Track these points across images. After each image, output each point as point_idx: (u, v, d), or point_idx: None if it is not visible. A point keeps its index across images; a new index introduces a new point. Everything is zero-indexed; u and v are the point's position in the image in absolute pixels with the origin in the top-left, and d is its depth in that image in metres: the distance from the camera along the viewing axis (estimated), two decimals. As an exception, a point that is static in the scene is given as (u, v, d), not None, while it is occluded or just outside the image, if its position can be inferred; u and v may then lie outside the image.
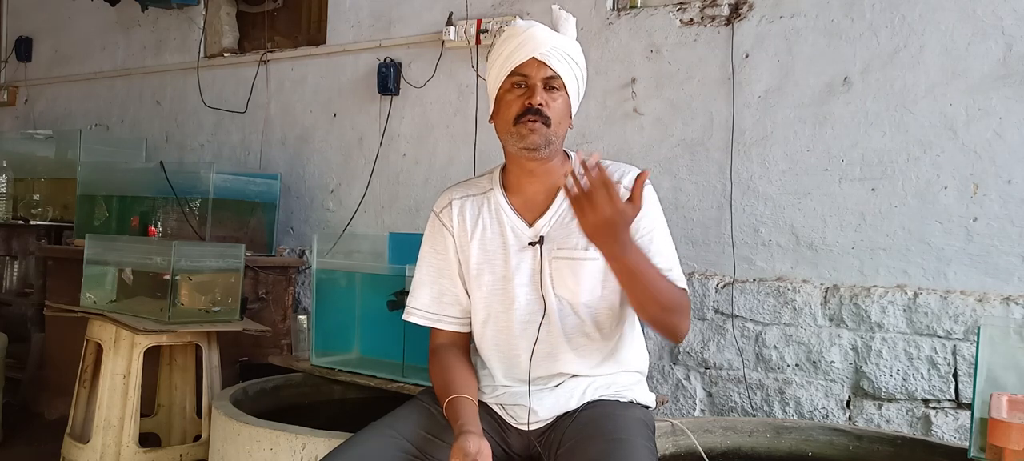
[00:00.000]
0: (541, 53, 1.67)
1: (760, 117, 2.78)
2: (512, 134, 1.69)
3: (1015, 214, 2.40)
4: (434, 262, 1.82)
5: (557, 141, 1.71)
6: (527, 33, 1.68)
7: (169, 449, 2.77)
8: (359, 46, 3.78)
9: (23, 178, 4.45)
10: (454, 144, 3.48)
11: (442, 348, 1.81)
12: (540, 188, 1.75)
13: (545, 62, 1.67)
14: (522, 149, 1.69)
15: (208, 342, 2.78)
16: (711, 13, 2.89)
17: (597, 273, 1.70)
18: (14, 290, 4.23)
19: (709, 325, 2.81)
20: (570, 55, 1.70)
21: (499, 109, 1.73)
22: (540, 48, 1.67)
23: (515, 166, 1.77)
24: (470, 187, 1.84)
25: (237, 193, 3.64)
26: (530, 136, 1.66)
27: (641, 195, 1.51)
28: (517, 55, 1.67)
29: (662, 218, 1.76)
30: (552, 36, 1.69)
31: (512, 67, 1.68)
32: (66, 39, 5.12)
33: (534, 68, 1.67)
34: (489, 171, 1.86)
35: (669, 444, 2.09)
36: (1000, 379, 1.73)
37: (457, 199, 1.82)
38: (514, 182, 1.78)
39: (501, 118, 1.72)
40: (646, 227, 1.70)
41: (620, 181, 1.72)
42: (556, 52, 1.68)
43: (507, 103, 1.70)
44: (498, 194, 1.78)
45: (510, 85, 1.70)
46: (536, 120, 1.65)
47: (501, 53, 1.71)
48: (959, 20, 2.48)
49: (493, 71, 1.73)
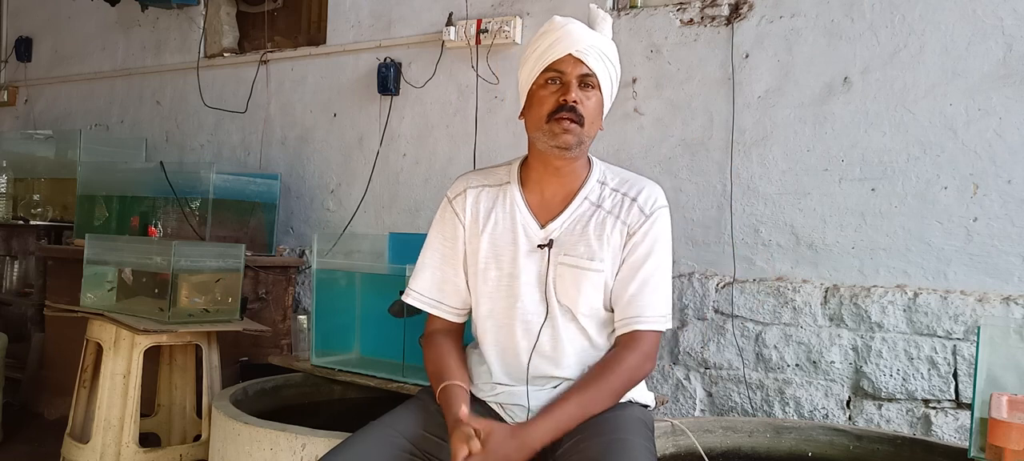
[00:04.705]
0: (578, 50, 1.65)
1: (760, 117, 2.78)
2: (544, 131, 1.67)
3: (1015, 214, 2.40)
4: (441, 249, 1.81)
5: (588, 141, 1.70)
6: (564, 29, 1.66)
7: (169, 449, 2.77)
8: (359, 46, 3.78)
9: (23, 178, 4.46)
10: (454, 144, 3.48)
11: (437, 334, 1.81)
12: (559, 189, 1.74)
13: (582, 59, 1.65)
14: (553, 147, 1.67)
15: (208, 342, 2.78)
16: (711, 13, 2.89)
17: (599, 284, 1.70)
18: (14, 290, 4.23)
19: (709, 325, 2.81)
20: (606, 54, 1.68)
21: (531, 105, 1.70)
22: (577, 45, 1.65)
23: (538, 163, 1.75)
24: (487, 177, 1.82)
25: (237, 193, 3.64)
26: (563, 135, 1.65)
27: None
28: (553, 51, 1.65)
29: (669, 252, 1.73)
30: (589, 34, 1.67)
31: (547, 62, 1.66)
32: (66, 39, 5.12)
33: (570, 65, 1.65)
34: (508, 162, 1.84)
35: (669, 444, 2.09)
36: (1000, 379, 1.73)
37: (473, 188, 1.80)
38: (534, 179, 1.76)
39: (533, 114, 1.70)
40: (652, 264, 1.69)
41: (636, 199, 1.72)
42: (593, 50, 1.66)
43: (540, 99, 1.68)
44: (515, 189, 1.77)
45: (544, 81, 1.68)
46: (570, 118, 1.64)
47: (537, 48, 1.69)
48: (959, 20, 2.48)
49: (527, 67, 1.71)
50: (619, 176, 1.78)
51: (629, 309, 1.69)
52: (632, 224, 1.71)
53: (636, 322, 1.68)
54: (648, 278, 1.68)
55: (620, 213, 1.72)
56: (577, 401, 1.61)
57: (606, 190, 1.75)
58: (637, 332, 1.68)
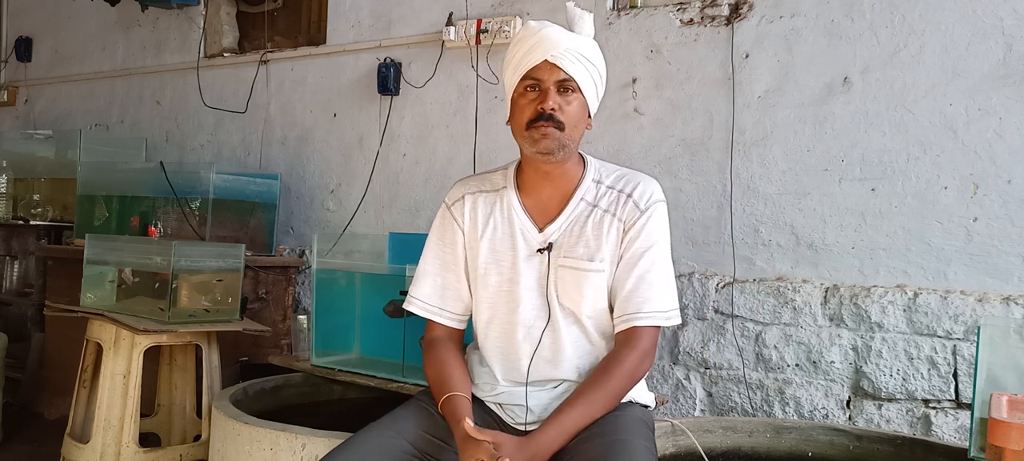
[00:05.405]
0: (553, 55, 1.64)
1: (760, 117, 2.78)
2: (525, 138, 1.68)
3: (1015, 214, 2.40)
4: (440, 255, 1.81)
5: (572, 144, 1.70)
6: (539, 35, 1.65)
7: (169, 449, 2.77)
8: (359, 46, 3.78)
9: (23, 178, 4.46)
10: (454, 144, 3.48)
11: (438, 341, 1.80)
12: (554, 192, 1.74)
13: (558, 65, 1.64)
14: (536, 153, 1.67)
15: (208, 342, 2.78)
16: (711, 13, 2.89)
17: (601, 285, 1.70)
18: (14, 290, 4.23)
19: (709, 325, 2.81)
20: (585, 55, 1.67)
21: (514, 113, 1.71)
22: (553, 50, 1.64)
23: (530, 168, 1.76)
24: (484, 182, 1.82)
25: (237, 193, 3.64)
26: (543, 141, 1.65)
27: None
28: (529, 58, 1.65)
29: (666, 246, 1.73)
30: (566, 37, 1.66)
31: (524, 70, 1.66)
32: (66, 39, 5.12)
33: (547, 71, 1.65)
34: (504, 167, 1.84)
35: (669, 444, 2.09)
36: (1000, 379, 1.73)
37: (470, 194, 1.80)
38: (529, 183, 1.77)
39: (515, 121, 1.70)
40: (648, 259, 1.68)
41: (631, 195, 1.72)
42: (569, 53, 1.64)
43: (520, 107, 1.68)
44: (511, 194, 1.77)
45: (523, 89, 1.68)
46: (548, 125, 1.64)
47: (514, 56, 1.69)
48: (959, 20, 2.48)
49: (507, 74, 1.71)
50: (615, 173, 1.77)
51: (627, 305, 1.69)
52: (628, 220, 1.70)
53: (634, 318, 1.68)
54: (645, 274, 1.68)
55: (616, 210, 1.71)
56: (581, 406, 1.61)
57: (602, 188, 1.75)
58: (635, 328, 1.68)
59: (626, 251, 1.70)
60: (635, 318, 1.68)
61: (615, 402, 1.66)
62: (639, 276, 1.68)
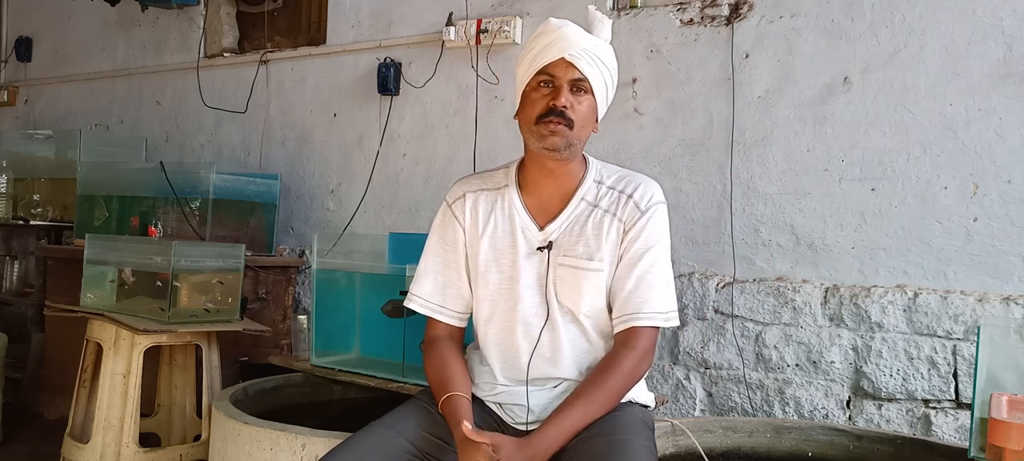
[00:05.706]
0: (570, 54, 1.65)
1: (760, 117, 2.78)
2: (533, 132, 1.68)
3: (1015, 214, 2.40)
4: (441, 253, 1.82)
5: (579, 144, 1.70)
6: (558, 32, 1.66)
7: (169, 449, 2.77)
8: (359, 46, 3.78)
9: (23, 178, 4.45)
10: (454, 144, 3.48)
11: (439, 340, 1.80)
12: (556, 191, 1.75)
13: (574, 63, 1.65)
14: (542, 148, 1.68)
15: (208, 342, 2.78)
16: (711, 13, 2.89)
17: (599, 285, 1.70)
18: (14, 290, 4.23)
19: (709, 325, 2.81)
20: (601, 58, 1.68)
21: (524, 106, 1.71)
22: (570, 49, 1.65)
23: (534, 164, 1.76)
24: (485, 180, 1.83)
25: (237, 193, 3.64)
26: (551, 137, 1.65)
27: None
28: (546, 54, 1.66)
29: (666, 248, 1.73)
30: (584, 37, 1.67)
31: (541, 65, 1.66)
32: (66, 39, 5.12)
33: (562, 69, 1.66)
34: (505, 165, 1.84)
35: (669, 444, 2.09)
36: (1000, 379, 1.73)
37: (472, 192, 1.81)
38: (531, 181, 1.77)
39: (524, 115, 1.71)
40: (648, 259, 1.69)
41: (632, 196, 1.72)
42: (586, 54, 1.66)
43: (532, 101, 1.69)
44: (513, 192, 1.77)
45: (537, 83, 1.68)
46: (559, 122, 1.65)
47: (531, 50, 1.69)
48: (959, 20, 2.48)
49: (521, 67, 1.72)
50: (616, 174, 1.78)
51: (626, 306, 1.69)
52: (628, 221, 1.71)
53: (633, 319, 1.68)
54: (644, 274, 1.69)
55: (617, 211, 1.72)
56: (580, 407, 1.62)
57: (603, 188, 1.75)
58: (634, 329, 1.68)
59: (626, 251, 1.70)
60: (634, 318, 1.68)
61: (614, 402, 1.66)
62: (639, 277, 1.68)
